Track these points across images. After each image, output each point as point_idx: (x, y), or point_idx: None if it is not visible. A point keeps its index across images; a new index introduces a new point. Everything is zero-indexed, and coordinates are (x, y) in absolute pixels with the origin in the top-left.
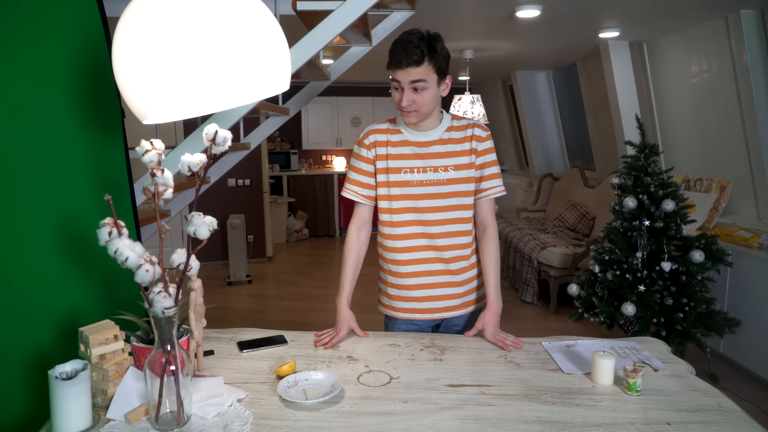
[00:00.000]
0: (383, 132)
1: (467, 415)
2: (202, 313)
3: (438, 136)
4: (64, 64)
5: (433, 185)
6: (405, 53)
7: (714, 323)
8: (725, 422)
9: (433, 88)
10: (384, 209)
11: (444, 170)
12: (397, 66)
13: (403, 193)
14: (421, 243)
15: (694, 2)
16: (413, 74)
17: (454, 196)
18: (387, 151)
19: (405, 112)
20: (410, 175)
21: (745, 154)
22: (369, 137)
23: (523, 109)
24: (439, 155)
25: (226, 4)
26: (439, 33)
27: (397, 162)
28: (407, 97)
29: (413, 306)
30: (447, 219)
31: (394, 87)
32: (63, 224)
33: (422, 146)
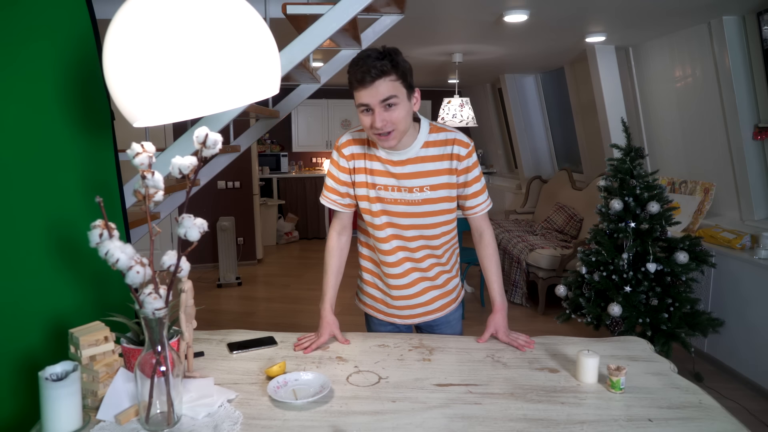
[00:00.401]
0: (362, 144)
1: (455, 414)
2: (193, 314)
3: (414, 153)
4: (54, 67)
5: (408, 204)
6: (367, 69)
7: (698, 323)
8: (705, 418)
9: (404, 103)
10: (366, 212)
11: (419, 190)
12: (362, 84)
13: (382, 209)
14: (401, 255)
15: (678, 8)
16: (381, 91)
17: (430, 215)
18: (365, 165)
19: (381, 136)
20: (385, 193)
21: (728, 157)
22: (347, 148)
23: (512, 112)
24: (414, 175)
25: (216, 7)
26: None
27: (374, 178)
28: (380, 117)
29: (393, 312)
30: (424, 235)
31: (362, 111)
32: (52, 226)
33: (396, 165)
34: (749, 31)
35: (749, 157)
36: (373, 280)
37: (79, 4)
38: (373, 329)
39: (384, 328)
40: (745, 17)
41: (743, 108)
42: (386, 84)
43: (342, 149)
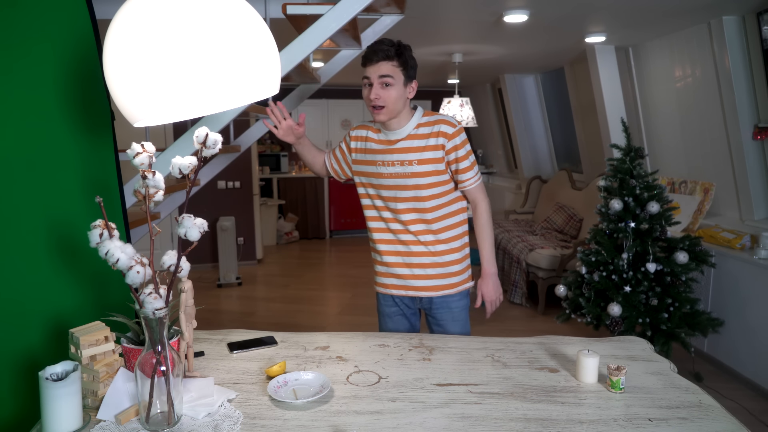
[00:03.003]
0: (366, 128)
1: (455, 414)
2: (193, 314)
3: (406, 133)
4: (54, 67)
5: (400, 177)
6: (376, 50)
7: (698, 323)
8: (705, 418)
9: (399, 87)
10: (363, 195)
11: (409, 164)
12: (368, 61)
13: (379, 183)
14: (398, 227)
15: (678, 9)
16: (382, 69)
17: (419, 188)
18: (365, 146)
19: (374, 110)
20: (383, 168)
21: (728, 157)
22: (355, 131)
23: (512, 112)
24: (405, 150)
25: (216, 8)
26: (408, 44)
27: (374, 156)
28: (375, 91)
29: (394, 282)
30: (417, 208)
31: (365, 84)
32: (52, 226)
33: (392, 143)
34: (749, 31)
35: (749, 157)
36: (374, 257)
37: (79, 4)
38: (380, 311)
39: (389, 308)
40: (745, 17)
41: (743, 108)
42: (387, 66)
43: (350, 132)
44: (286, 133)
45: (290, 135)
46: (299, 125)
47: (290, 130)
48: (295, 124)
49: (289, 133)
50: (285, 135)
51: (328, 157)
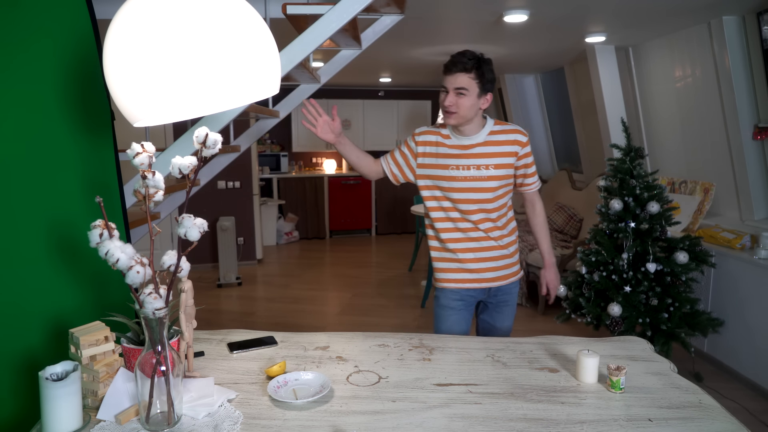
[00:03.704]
0: (436, 134)
1: (455, 414)
2: (193, 314)
3: (481, 139)
4: (54, 67)
5: (475, 180)
6: (455, 63)
7: (698, 323)
8: (705, 418)
9: (472, 98)
10: (432, 197)
11: (485, 168)
12: (448, 72)
13: (450, 186)
14: (467, 225)
15: (678, 8)
16: (458, 81)
17: (490, 190)
18: (436, 151)
19: (446, 113)
20: (456, 171)
21: (728, 157)
22: (422, 136)
23: (512, 112)
24: (481, 155)
25: (216, 8)
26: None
27: (446, 160)
28: (450, 98)
29: (466, 276)
30: (485, 209)
31: (442, 92)
32: (52, 226)
33: (466, 148)
34: (749, 31)
35: (749, 157)
36: (442, 255)
37: (79, 4)
38: (444, 305)
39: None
40: (745, 17)
41: (743, 108)
42: (464, 78)
43: (416, 136)
44: (324, 131)
45: (328, 132)
46: (333, 119)
47: (327, 126)
48: (330, 120)
49: (327, 130)
50: (323, 133)
51: (385, 161)
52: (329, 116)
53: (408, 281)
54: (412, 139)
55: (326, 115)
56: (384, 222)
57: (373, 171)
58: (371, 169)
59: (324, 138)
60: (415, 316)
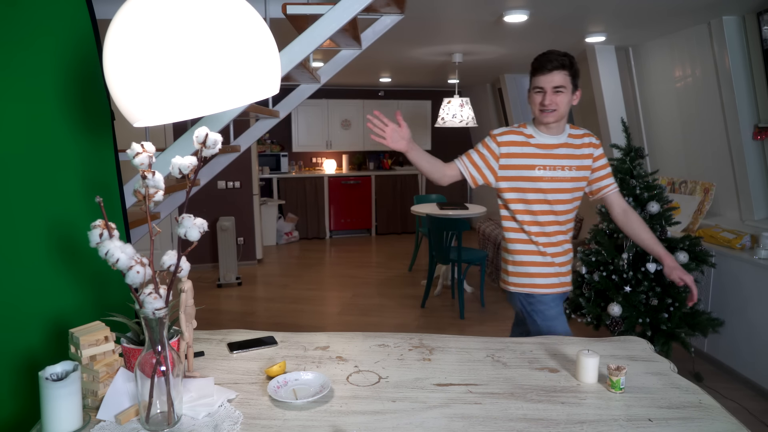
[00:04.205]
0: (520, 134)
1: (455, 414)
2: (193, 314)
3: (564, 140)
4: (54, 67)
5: (560, 181)
6: (550, 60)
7: (698, 323)
8: (705, 418)
9: (568, 95)
10: (517, 200)
11: (569, 169)
12: (541, 71)
13: (535, 187)
14: (553, 229)
15: (678, 8)
16: (556, 80)
17: (575, 191)
18: (522, 150)
19: (545, 113)
20: (542, 172)
21: (728, 157)
22: (504, 136)
23: (512, 111)
24: (564, 156)
25: (216, 7)
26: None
27: (532, 160)
28: (549, 98)
29: (563, 280)
30: (566, 210)
31: (536, 92)
32: (52, 226)
33: (552, 148)
34: (749, 31)
35: (749, 157)
36: (530, 258)
37: (79, 4)
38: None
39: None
40: (745, 17)
41: (743, 108)
42: (561, 75)
43: (498, 137)
44: (394, 140)
45: (399, 140)
46: (400, 125)
47: (396, 134)
48: (397, 127)
49: (397, 138)
50: (394, 142)
51: (462, 164)
52: (395, 123)
53: (408, 281)
54: (493, 139)
55: (392, 123)
56: (384, 222)
57: (446, 175)
58: (444, 174)
59: (396, 147)
60: (416, 316)
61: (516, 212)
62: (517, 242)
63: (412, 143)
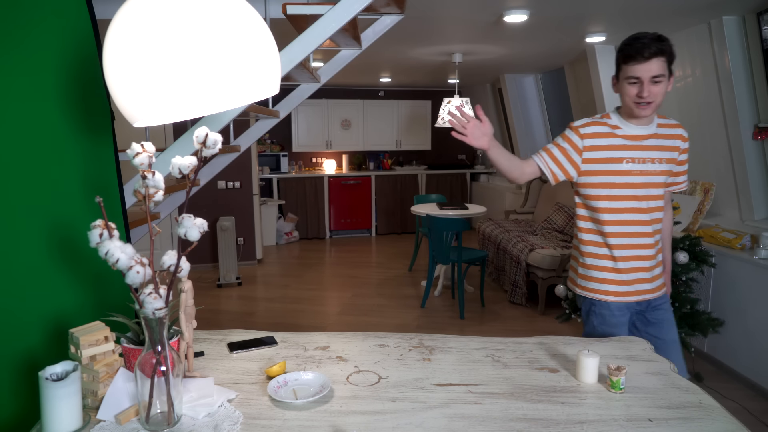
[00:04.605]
0: (604, 125)
1: (455, 414)
2: (193, 314)
3: (653, 131)
4: (54, 67)
5: (650, 175)
6: (647, 46)
7: (698, 323)
8: (705, 418)
9: (665, 83)
10: (602, 197)
11: (659, 162)
12: (636, 58)
13: (623, 182)
14: (636, 229)
15: (678, 9)
16: (653, 68)
17: (659, 186)
18: (608, 143)
19: (641, 105)
20: (631, 165)
21: (728, 157)
22: (587, 128)
23: (512, 111)
24: (654, 148)
25: (216, 7)
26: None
27: (620, 152)
28: (647, 89)
29: (630, 288)
30: (656, 207)
31: (630, 83)
32: (52, 226)
33: (640, 139)
34: (749, 31)
35: (749, 157)
36: (601, 263)
37: (79, 4)
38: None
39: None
40: (745, 17)
41: (743, 108)
42: (659, 63)
43: (580, 128)
44: (475, 137)
45: (480, 137)
46: (481, 120)
47: (478, 130)
48: (479, 122)
49: (479, 134)
50: (476, 139)
51: (541, 160)
52: (477, 119)
53: (408, 281)
54: (574, 132)
55: (474, 119)
56: (384, 222)
57: (525, 173)
58: (523, 171)
59: (477, 144)
60: (416, 316)
61: (598, 210)
62: (590, 244)
63: (493, 140)
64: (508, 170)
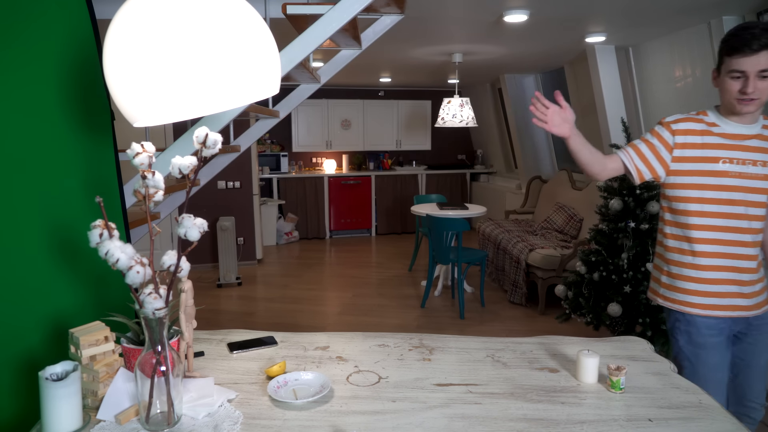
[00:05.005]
0: (699, 122)
1: (455, 414)
2: (193, 314)
3: (757, 131)
4: (54, 67)
5: (750, 178)
6: (756, 37)
7: None
8: (705, 418)
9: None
10: (692, 199)
11: (763, 165)
12: (742, 51)
13: (717, 184)
14: (730, 237)
15: (678, 8)
16: (762, 62)
17: (764, 192)
18: (702, 141)
19: (744, 102)
20: (728, 166)
21: None
22: (680, 124)
23: (512, 111)
24: (757, 149)
25: (216, 8)
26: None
27: (715, 152)
28: (753, 84)
29: (722, 302)
30: (756, 215)
31: (733, 77)
32: (53, 226)
33: (742, 138)
34: None
35: None
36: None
37: (79, 4)
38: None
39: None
40: (745, 17)
41: None
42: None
43: (671, 124)
44: (555, 123)
45: (561, 123)
46: (562, 106)
47: (558, 117)
48: (559, 108)
49: (559, 121)
50: (556, 126)
51: (626, 156)
52: (557, 105)
53: (408, 281)
54: (666, 128)
55: (554, 105)
56: (384, 222)
57: (607, 169)
58: (605, 167)
59: (557, 132)
60: (416, 316)
61: (686, 213)
62: (675, 251)
63: (575, 129)
64: (589, 164)
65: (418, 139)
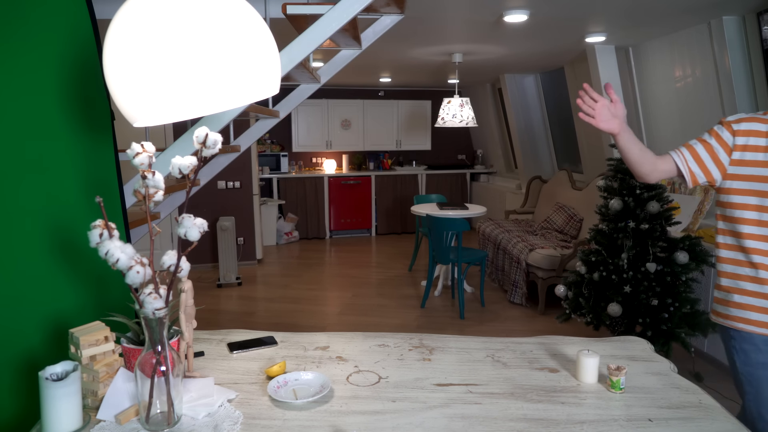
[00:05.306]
0: (763, 122)
1: (455, 414)
2: (193, 314)
3: None
4: (54, 67)
5: None
6: None
7: (698, 323)
8: (705, 418)
9: None
10: (749, 206)
11: None
12: None
13: None
14: None
15: (678, 8)
16: None
17: None
18: (766, 143)
19: None
20: None
21: None
22: (742, 124)
23: (512, 111)
24: None
25: (216, 8)
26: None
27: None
28: None
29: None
30: None
31: None
32: (53, 226)
33: None
34: (749, 31)
35: None
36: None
37: (79, 4)
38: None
39: (758, 350)
40: (745, 17)
41: (743, 108)
42: None
43: (732, 124)
44: (604, 118)
45: (610, 118)
46: (612, 100)
47: (607, 111)
48: (608, 102)
49: (608, 116)
50: (604, 121)
51: (679, 156)
52: (606, 98)
53: (408, 281)
54: (726, 128)
55: (603, 98)
56: (384, 222)
57: (658, 170)
58: (656, 168)
59: (605, 127)
60: (416, 316)
61: (742, 222)
62: (730, 262)
63: (625, 124)
64: (639, 163)
65: (418, 139)
